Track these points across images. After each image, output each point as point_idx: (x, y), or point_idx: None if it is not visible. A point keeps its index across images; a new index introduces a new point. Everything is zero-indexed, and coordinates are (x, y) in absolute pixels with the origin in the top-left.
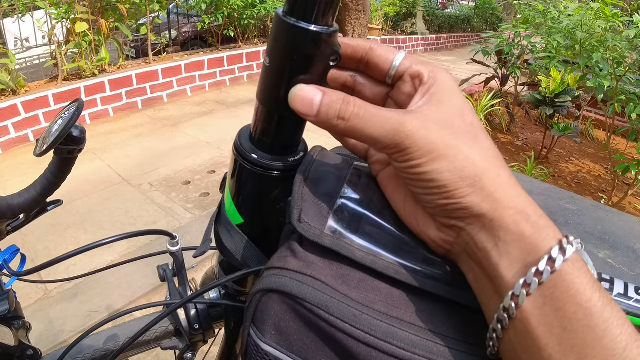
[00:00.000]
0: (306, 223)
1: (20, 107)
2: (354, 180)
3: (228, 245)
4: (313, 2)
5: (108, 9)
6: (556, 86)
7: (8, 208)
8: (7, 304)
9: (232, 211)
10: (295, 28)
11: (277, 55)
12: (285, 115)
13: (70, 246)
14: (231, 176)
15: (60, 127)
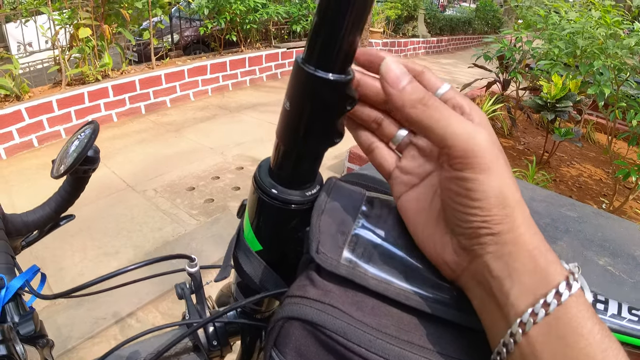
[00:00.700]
0: (323, 254)
1: (24, 112)
2: (366, 211)
3: (247, 269)
4: (330, 52)
5: (111, 14)
6: (557, 91)
7: (23, 225)
8: (32, 324)
9: (251, 238)
10: (314, 76)
11: (297, 100)
12: (304, 154)
13: (77, 253)
14: (251, 206)
15: (77, 149)
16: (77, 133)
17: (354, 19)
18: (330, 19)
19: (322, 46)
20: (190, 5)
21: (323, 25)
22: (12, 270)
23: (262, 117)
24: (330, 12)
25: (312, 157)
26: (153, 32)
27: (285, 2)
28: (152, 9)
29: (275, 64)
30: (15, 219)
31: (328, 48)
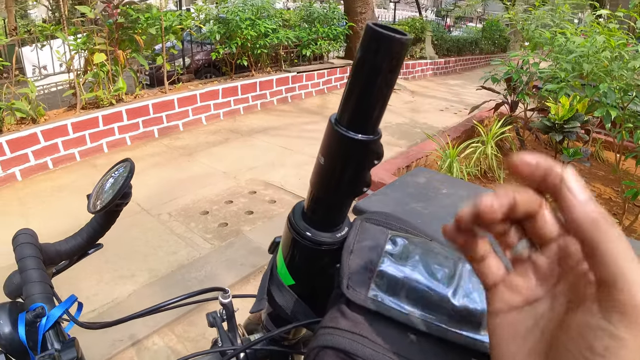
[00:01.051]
0: (353, 289)
1: (40, 135)
2: (390, 250)
3: (279, 301)
4: (359, 116)
5: (125, 40)
6: (565, 112)
7: (56, 254)
8: (74, 351)
9: (284, 273)
10: (345, 137)
11: (330, 156)
12: (335, 202)
13: (94, 276)
14: (285, 245)
15: (114, 187)
16: (112, 170)
17: (380, 91)
18: (360, 90)
19: (352, 111)
20: (201, 30)
21: (353, 94)
22: (51, 299)
23: (273, 140)
24: (359, 84)
25: (342, 204)
26: (166, 57)
27: (294, 26)
28: (165, 35)
29: (285, 88)
30: (49, 249)
31: (358, 113)
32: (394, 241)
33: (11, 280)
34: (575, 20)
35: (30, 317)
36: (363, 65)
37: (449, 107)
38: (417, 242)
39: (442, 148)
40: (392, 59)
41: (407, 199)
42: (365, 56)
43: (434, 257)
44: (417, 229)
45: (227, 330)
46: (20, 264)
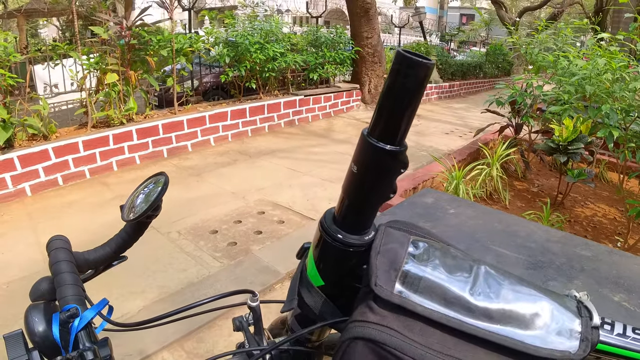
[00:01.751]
0: (380, 286)
1: (51, 152)
2: (412, 251)
3: (308, 301)
4: (389, 130)
5: (137, 61)
6: (569, 134)
7: (85, 262)
8: (108, 349)
9: (314, 275)
10: (376, 147)
11: (362, 165)
12: (365, 207)
13: (103, 291)
14: (316, 248)
15: (148, 198)
16: (146, 183)
17: (408, 108)
18: (390, 107)
19: (383, 125)
20: (210, 52)
21: (385, 110)
22: (83, 302)
23: (281, 162)
24: (390, 102)
25: (371, 209)
26: (176, 78)
27: (302, 50)
28: (176, 57)
29: (292, 111)
30: (78, 257)
31: (387, 127)
32: (416, 244)
33: (38, 287)
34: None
35: (64, 317)
36: (394, 86)
37: (454, 130)
38: (436, 246)
39: (448, 170)
40: (419, 81)
41: (416, 218)
42: (396, 78)
43: (452, 258)
44: (433, 236)
45: (254, 333)
46: (55, 267)
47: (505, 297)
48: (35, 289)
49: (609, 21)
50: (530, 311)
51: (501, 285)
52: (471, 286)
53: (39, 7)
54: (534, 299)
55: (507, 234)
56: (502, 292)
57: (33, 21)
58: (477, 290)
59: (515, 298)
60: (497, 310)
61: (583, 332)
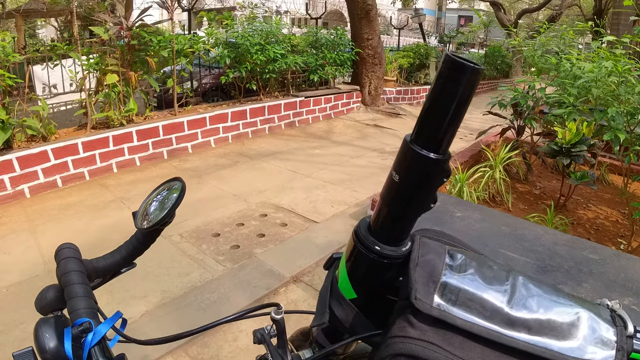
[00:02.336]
0: (419, 300)
1: (50, 153)
2: (450, 263)
3: (339, 314)
4: (434, 137)
5: (137, 61)
6: (572, 136)
7: (94, 270)
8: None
9: (346, 287)
10: (420, 155)
11: (404, 173)
12: (405, 217)
13: (105, 295)
14: (350, 260)
15: (163, 207)
16: (160, 189)
17: (457, 115)
18: (437, 113)
19: (428, 132)
20: (209, 53)
21: (431, 117)
22: (96, 315)
23: (282, 164)
24: (437, 108)
25: (411, 220)
26: (177, 79)
27: (302, 52)
28: (176, 58)
29: (293, 112)
30: (87, 265)
31: (433, 134)
32: (452, 255)
33: (44, 296)
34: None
35: (77, 332)
36: (442, 91)
37: None
38: (472, 256)
39: (452, 172)
40: (469, 87)
41: (423, 222)
42: (445, 83)
43: (488, 269)
44: (465, 245)
45: (277, 346)
46: (65, 278)
47: (542, 307)
48: (41, 298)
49: (608, 23)
50: (567, 321)
51: (538, 295)
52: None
53: (37, 8)
54: (570, 308)
55: (515, 237)
56: (539, 302)
57: (31, 21)
58: (515, 301)
59: (552, 308)
60: (535, 321)
61: (618, 342)
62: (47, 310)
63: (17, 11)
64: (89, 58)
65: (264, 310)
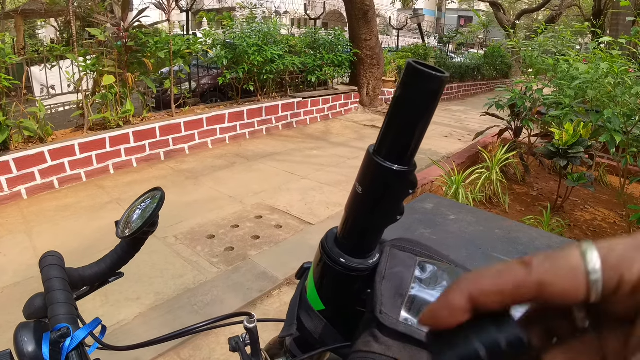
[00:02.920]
0: (385, 314)
1: (47, 154)
2: (419, 275)
3: (308, 325)
4: (398, 148)
5: (134, 63)
6: (569, 138)
7: (80, 279)
8: None
9: (314, 298)
10: (383, 167)
11: (367, 185)
12: (370, 229)
13: (99, 297)
14: (316, 271)
15: (143, 215)
16: (142, 199)
17: (419, 125)
18: (399, 123)
19: (391, 143)
20: (208, 54)
21: (393, 127)
22: (75, 321)
23: (279, 166)
24: (399, 118)
25: (377, 232)
26: (174, 80)
27: (300, 53)
28: (173, 59)
29: (290, 113)
30: (73, 273)
31: (396, 146)
32: (423, 267)
33: (32, 303)
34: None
35: (55, 337)
36: (404, 101)
37: (452, 133)
38: (444, 268)
39: (448, 174)
40: (432, 96)
41: (416, 224)
42: (406, 92)
43: None
44: (440, 255)
45: (251, 354)
46: (47, 284)
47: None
48: (29, 305)
49: (607, 24)
50: None
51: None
52: None
53: (36, 8)
54: None
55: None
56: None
57: (31, 22)
58: None
59: None
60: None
61: None
62: (35, 318)
63: (16, 12)
64: (85, 59)
65: (237, 319)
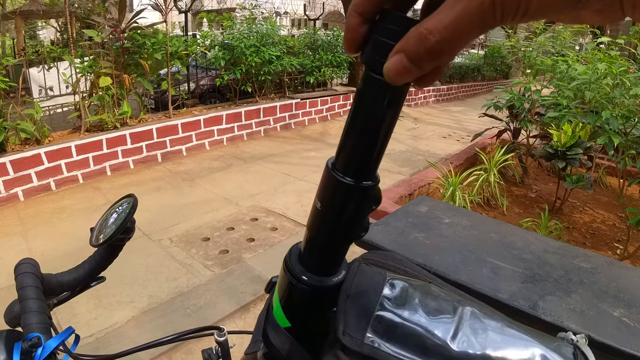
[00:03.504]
0: (349, 335)
1: (43, 156)
2: (388, 294)
3: (275, 342)
4: (357, 162)
5: (131, 64)
6: (567, 139)
7: (58, 285)
8: None
9: (280, 315)
10: (342, 183)
11: (327, 201)
12: (332, 246)
13: (92, 300)
14: (281, 288)
15: (116, 222)
16: (116, 205)
17: (378, 136)
18: (357, 136)
19: (349, 157)
20: (206, 56)
21: (350, 140)
22: (48, 330)
23: (276, 167)
24: (356, 130)
25: (339, 249)
26: (171, 82)
27: (299, 54)
28: (170, 60)
29: (288, 115)
30: (51, 279)
31: (355, 160)
32: (393, 285)
33: (12, 308)
34: (577, 47)
35: (26, 347)
36: (360, 111)
37: (451, 134)
38: (416, 285)
39: (445, 176)
40: (391, 106)
41: (409, 228)
42: (363, 102)
43: (433, 300)
44: (416, 270)
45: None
46: (20, 293)
47: (492, 343)
48: (9, 311)
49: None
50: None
51: (488, 329)
52: (454, 332)
53: (35, 9)
54: (525, 344)
55: (504, 244)
56: (488, 337)
57: (31, 23)
58: (461, 337)
59: (503, 344)
60: (483, 359)
61: None
62: (15, 323)
63: (14, 13)
64: (82, 61)
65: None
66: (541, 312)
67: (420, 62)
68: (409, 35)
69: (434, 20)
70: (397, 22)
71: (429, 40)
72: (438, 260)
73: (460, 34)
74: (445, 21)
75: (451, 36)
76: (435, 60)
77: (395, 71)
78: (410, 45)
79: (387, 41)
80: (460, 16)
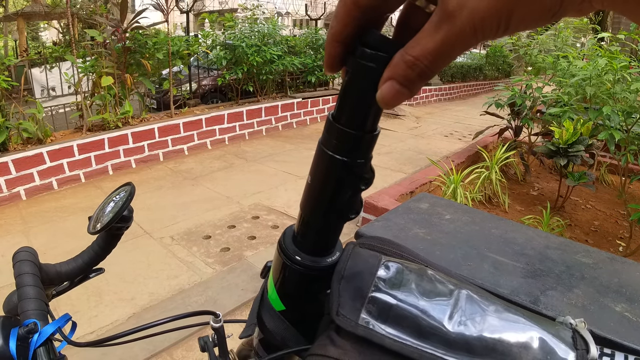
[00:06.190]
0: (343, 316)
1: (45, 155)
2: (383, 275)
3: (270, 327)
4: (346, 139)
5: (132, 64)
6: (569, 136)
7: (57, 275)
8: None
9: (275, 299)
10: (332, 158)
11: (318, 178)
12: (324, 226)
13: (94, 297)
14: (275, 270)
15: (114, 209)
16: (114, 194)
17: (370, 115)
18: (348, 112)
19: (339, 133)
20: (208, 55)
21: (342, 116)
22: (45, 317)
23: (277, 166)
24: (347, 107)
25: (330, 228)
26: (173, 81)
27: (300, 53)
28: (172, 60)
29: (290, 114)
30: (49, 269)
31: (345, 136)
32: (387, 267)
33: (11, 299)
34: (578, 45)
35: (23, 333)
36: (351, 91)
37: (453, 133)
38: (412, 268)
39: (446, 174)
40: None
41: (410, 224)
42: (354, 80)
43: (429, 282)
44: (413, 255)
45: (219, 355)
46: (18, 280)
47: (489, 326)
48: (8, 301)
49: (609, 21)
50: (518, 343)
51: (485, 312)
52: (450, 314)
53: (37, 11)
54: (523, 328)
55: (505, 240)
56: (486, 320)
57: (34, 24)
58: (457, 319)
59: (500, 327)
60: (480, 341)
61: None
62: (14, 313)
63: (17, 14)
64: (84, 61)
65: (202, 319)
66: (542, 307)
67: (412, 85)
68: (396, 62)
69: (418, 48)
70: (379, 46)
71: (418, 66)
72: (439, 256)
73: (445, 57)
74: (429, 48)
75: (437, 59)
76: (425, 80)
77: (390, 96)
78: (400, 71)
79: (371, 65)
80: (443, 43)
